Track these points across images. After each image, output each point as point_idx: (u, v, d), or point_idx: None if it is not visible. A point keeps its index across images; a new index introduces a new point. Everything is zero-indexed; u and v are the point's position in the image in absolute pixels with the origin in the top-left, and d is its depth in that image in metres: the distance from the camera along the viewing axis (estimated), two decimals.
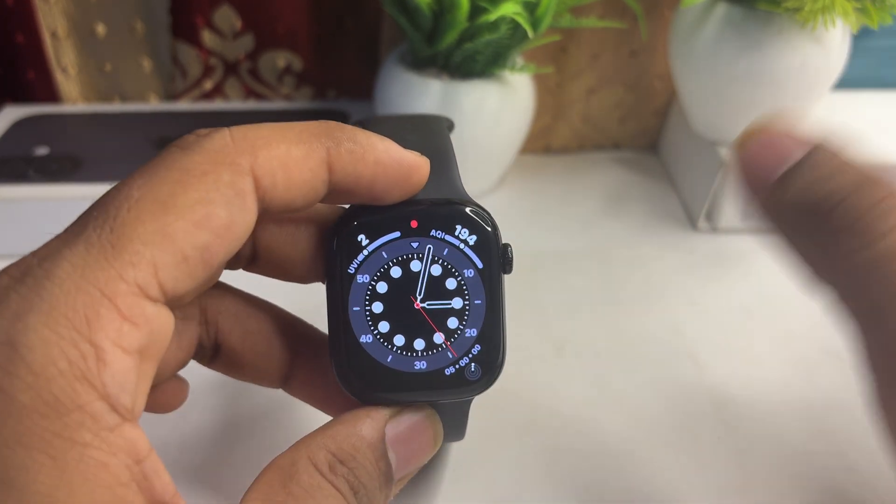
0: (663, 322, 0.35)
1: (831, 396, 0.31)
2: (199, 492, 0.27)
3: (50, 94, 0.46)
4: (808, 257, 0.22)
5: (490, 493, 0.27)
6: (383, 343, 0.20)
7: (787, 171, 0.21)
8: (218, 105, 0.47)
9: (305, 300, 0.25)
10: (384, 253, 0.20)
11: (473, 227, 0.20)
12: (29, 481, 0.14)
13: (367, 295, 0.20)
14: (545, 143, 0.49)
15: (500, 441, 0.29)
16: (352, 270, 0.20)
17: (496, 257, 0.20)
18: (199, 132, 0.18)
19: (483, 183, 0.44)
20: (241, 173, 0.17)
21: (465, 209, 0.20)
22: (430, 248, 0.20)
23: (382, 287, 0.20)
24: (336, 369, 0.20)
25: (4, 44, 0.44)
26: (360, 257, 0.20)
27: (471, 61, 0.38)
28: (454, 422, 0.22)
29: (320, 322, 0.23)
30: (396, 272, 0.20)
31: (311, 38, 0.46)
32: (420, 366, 0.20)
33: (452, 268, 0.20)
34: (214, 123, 0.45)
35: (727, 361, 0.33)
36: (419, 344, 0.20)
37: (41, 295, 0.15)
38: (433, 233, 0.20)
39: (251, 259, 0.22)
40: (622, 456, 0.29)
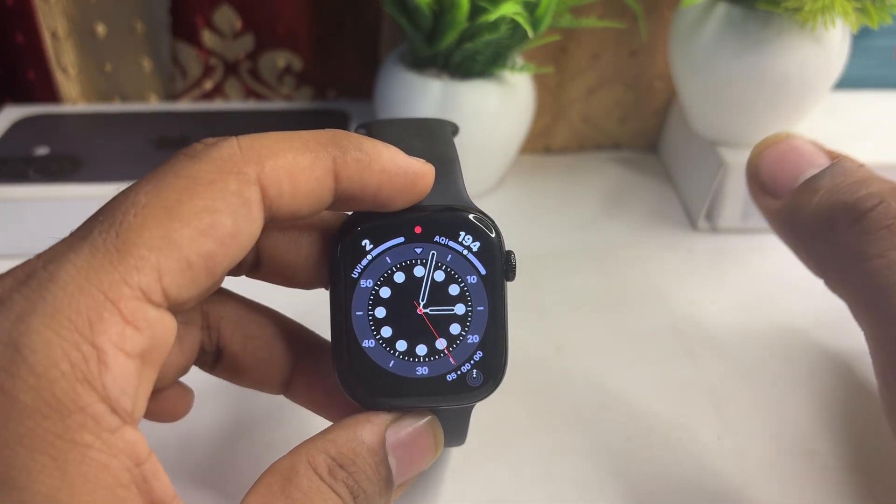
0: (663, 322, 0.36)
1: (831, 396, 0.31)
2: (198, 494, 0.27)
3: (50, 94, 0.46)
4: (822, 263, 0.22)
5: (490, 493, 0.27)
6: (385, 348, 0.20)
7: (814, 176, 0.22)
8: (218, 105, 0.47)
9: (307, 306, 0.25)
10: (388, 258, 0.20)
11: (477, 233, 0.20)
12: (30, 482, 0.14)
13: (371, 299, 0.20)
14: (545, 143, 0.49)
15: (500, 441, 0.29)
16: (355, 275, 0.20)
17: (499, 264, 0.20)
18: (206, 141, 0.18)
19: (483, 183, 0.44)
20: (248, 182, 0.17)
21: (469, 216, 0.20)
22: (433, 254, 0.20)
23: (386, 292, 0.20)
24: (338, 373, 0.20)
25: (4, 44, 0.44)
26: (364, 262, 0.20)
27: (471, 61, 0.38)
28: (455, 427, 0.22)
29: (321, 329, 0.23)
30: (400, 277, 0.20)
31: (311, 38, 0.46)
32: (422, 371, 0.20)
33: (456, 274, 0.20)
34: (214, 123, 0.45)
35: (727, 361, 0.33)
36: (421, 349, 0.20)
37: (45, 297, 0.15)
38: (437, 239, 0.20)
39: (254, 265, 0.22)
40: (622, 456, 0.29)
